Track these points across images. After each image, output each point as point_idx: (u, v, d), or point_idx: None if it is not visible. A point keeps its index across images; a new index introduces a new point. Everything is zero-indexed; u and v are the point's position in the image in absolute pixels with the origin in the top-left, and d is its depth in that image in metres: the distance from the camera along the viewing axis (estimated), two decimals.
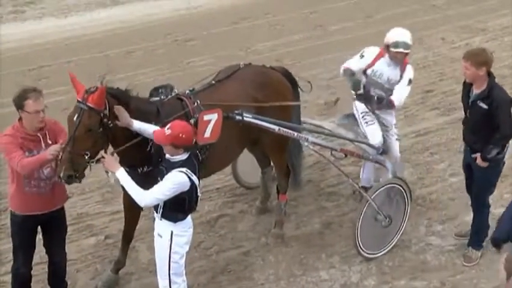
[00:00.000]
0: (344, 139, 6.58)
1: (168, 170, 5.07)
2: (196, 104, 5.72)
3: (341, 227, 6.80)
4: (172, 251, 5.23)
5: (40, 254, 6.35)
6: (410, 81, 6.59)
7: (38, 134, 5.29)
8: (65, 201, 5.58)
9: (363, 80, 6.58)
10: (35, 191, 5.33)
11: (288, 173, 6.63)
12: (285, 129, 6.03)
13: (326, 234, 6.73)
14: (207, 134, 5.58)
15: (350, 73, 6.53)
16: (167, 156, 5.14)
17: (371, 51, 6.62)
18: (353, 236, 6.27)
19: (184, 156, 5.09)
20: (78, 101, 5.18)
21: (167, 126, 5.08)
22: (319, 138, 6.47)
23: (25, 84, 9.06)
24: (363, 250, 6.35)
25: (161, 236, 5.27)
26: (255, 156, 6.74)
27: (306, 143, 6.35)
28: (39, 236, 5.64)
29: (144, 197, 5.01)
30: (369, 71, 6.55)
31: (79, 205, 6.76)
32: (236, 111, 5.79)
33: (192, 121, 5.57)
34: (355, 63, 6.60)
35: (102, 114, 5.16)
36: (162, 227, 5.25)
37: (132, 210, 5.73)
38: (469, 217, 6.91)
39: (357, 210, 6.29)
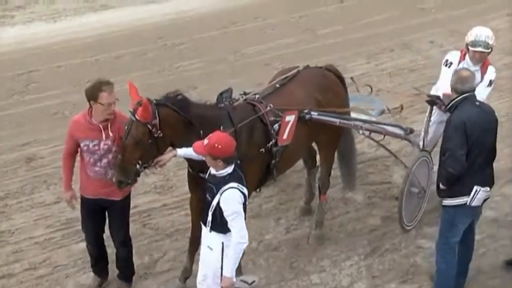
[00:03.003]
0: (379, 123, 6.77)
1: (217, 187, 5.06)
2: (268, 107, 5.84)
3: (331, 231, 6.82)
4: (224, 263, 5.20)
5: (29, 260, 6.36)
6: (490, 83, 6.60)
7: (100, 125, 5.52)
8: (123, 195, 5.73)
9: None
10: (92, 176, 5.65)
11: (330, 174, 6.79)
12: (344, 121, 6.36)
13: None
14: (285, 136, 5.80)
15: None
16: (213, 171, 5.13)
17: (454, 55, 6.71)
18: (399, 212, 6.46)
19: (229, 169, 5.07)
20: (130, 111, 5.34)
21: (207, 136, 5.08)
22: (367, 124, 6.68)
23: (15, 88, 9.11)
24: (405, 224, 6.55)
25: (211, 249, 5.24)
26: (301, 157, 6.84)
27: (361, 131, 6.59)
28: None
29: (243, 237, 5.05)
30: None
31: (68, 210, 6.72)
32: (305, 111, 6.04)
33: (276, 126, 5.75)
34: (448, 77, 6.42)
35: (150, 126, 5.25)
36: (212, 239, 5.22)
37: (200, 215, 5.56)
38: None
39: (401, 186, 6.50)
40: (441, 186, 5.76)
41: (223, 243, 5.18)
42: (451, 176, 5.64)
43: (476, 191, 5.66)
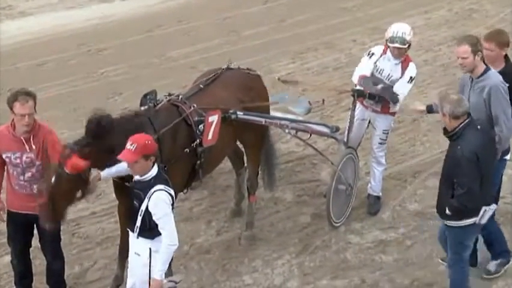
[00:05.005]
0: (305, 122, 6.84)
1: (144, 191, 5.02)
2: (192, 108, 5.81)
3: (262, 231, 6.87)
4: (152, 268, 5.14)
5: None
6: (411, 79, 6.76)
7: (22, 137, 5.36)
8: None
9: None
10: (18, 190, 5.52)
11: (258, 174, 6.82)
12: (269, 120, 6.46)
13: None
14: (210, 136, 5.78)
15: (366, 80, 6.67)
16: (137, 178, 5.08)
17: (378, 49, 6.87)
18: (327, 209, 6.62)
19: (153, 172, 5.04)
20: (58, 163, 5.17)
21: (128, 143, 4.99)
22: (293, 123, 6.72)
23: None
24: (334, 221, 6.71)
25: (139, 255, 5.19)
26: (229, 159, 6.85)
27: (287, 130, 6.67)
28: None
29: (173, 239, 5.04)
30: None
31: None
32: (231, 111, 6.11)
33: (201, 126, 5.74)
34: (367, 66, 6.75)
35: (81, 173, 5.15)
36: (139, 245, 5.18)
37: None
38: (385, 215, 7.13)
39: (328, 184, 6.64)
40: (447, 212, 5.55)
41: (150, 249, 5.16)
42: (465, 209, 5.50)
43: (484, 210, 5.55)
